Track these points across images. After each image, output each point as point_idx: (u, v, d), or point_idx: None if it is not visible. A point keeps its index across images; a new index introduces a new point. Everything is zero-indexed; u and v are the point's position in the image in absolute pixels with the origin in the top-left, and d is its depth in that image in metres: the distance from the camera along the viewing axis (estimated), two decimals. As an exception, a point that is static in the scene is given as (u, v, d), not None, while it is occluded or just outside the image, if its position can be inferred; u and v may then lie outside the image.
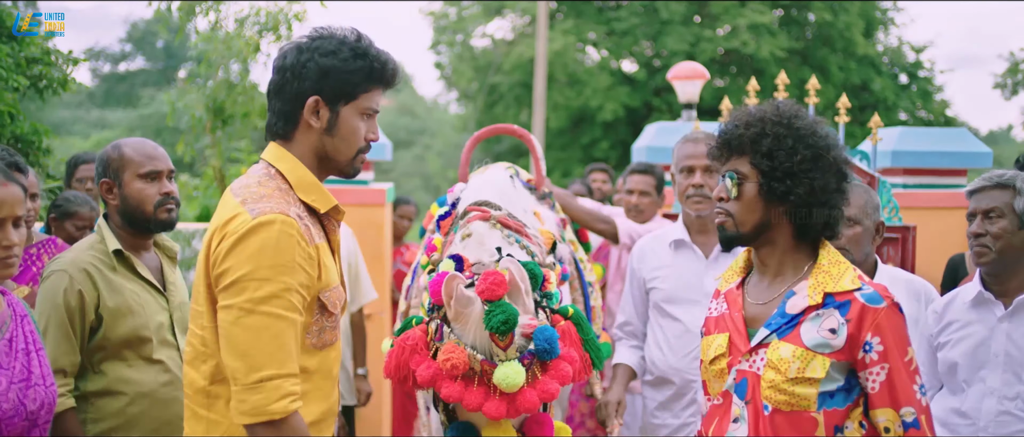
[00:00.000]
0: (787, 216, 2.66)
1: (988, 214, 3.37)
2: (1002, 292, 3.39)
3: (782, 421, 2.59)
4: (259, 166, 2.64)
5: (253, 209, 2.45)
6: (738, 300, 2.78)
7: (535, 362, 2.74)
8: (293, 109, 2.59)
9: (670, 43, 22.82)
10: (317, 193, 2.61)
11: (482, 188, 3.56)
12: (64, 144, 16.42)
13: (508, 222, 3.32)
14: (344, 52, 2.57)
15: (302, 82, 2.55)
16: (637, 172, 5.87)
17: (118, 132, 25.28)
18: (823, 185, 2.62)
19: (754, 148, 2.63)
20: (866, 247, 3.70)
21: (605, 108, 22.69)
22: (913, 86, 25.57)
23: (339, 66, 2.56)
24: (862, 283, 2.60)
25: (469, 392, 2.73)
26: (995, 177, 3.38)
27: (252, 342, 2.39)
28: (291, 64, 2.57)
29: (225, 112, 10.05)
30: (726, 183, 2.68)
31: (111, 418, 3.29)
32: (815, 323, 2.59)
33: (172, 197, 3.45)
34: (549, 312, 2.92)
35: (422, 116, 36.01)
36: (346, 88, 2.58)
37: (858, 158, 5.51)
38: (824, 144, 2.64)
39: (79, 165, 5.85)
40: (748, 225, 2.67)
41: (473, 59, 26.59)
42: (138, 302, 3.36)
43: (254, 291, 2.39)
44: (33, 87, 6.29)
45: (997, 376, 3.32)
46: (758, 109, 2.70)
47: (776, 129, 2.62)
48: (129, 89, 34.08)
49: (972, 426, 3.36)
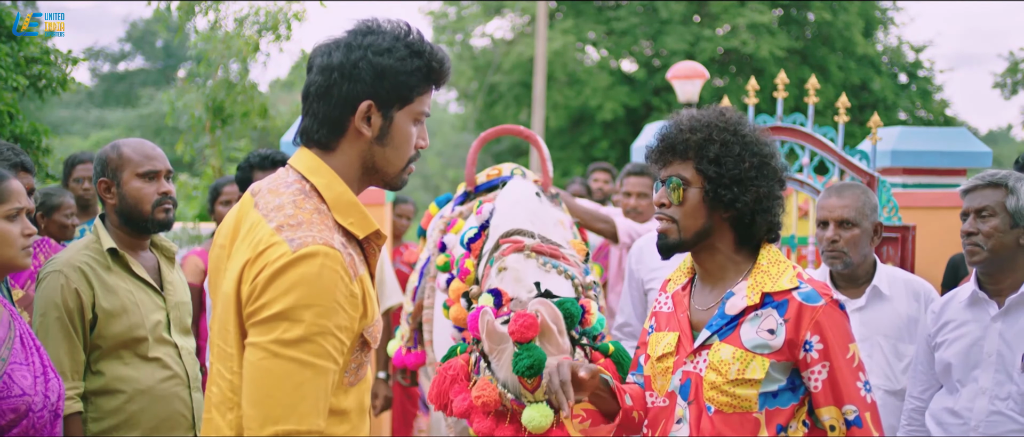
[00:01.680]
0: (729, 222, 2.63)
1: (980, 213, 3.37)
2: (996, 291, 3.38)
3: (724, 422, 2.56)
4: (291, 179, 2.27)
5: (293, 239, 2.10)
6: (684, 301, 2.76)
7: None
8: (342, 115, 2.23)
9: (670, 43, 22.82)
10: (356, 215, 2.26)
11: (512, 213, 3.52)
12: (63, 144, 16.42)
13: (543, 249, 3.31)
14: (400, 50, 2.24)
15: (354, 84, 2.20)
16: (634, 174, 5.86)
17: (117, 132, 25.27)
18: (768, 192, 2.60)
19: (700, 154, 2.58)
20: (864, 248, 3.70)
21: (604, 108, 22.69)
22: (913, 86, 25.59)
23: (396, 66, 2.22)
24: (800, 281, 2.57)
25: (500, 428, 2.79)
26: (988, 176, 3.39)
27: (272, 389, 2.06)
28: (339, 63, 2.21)
29: (224, 111, 10.05)
30: (666, 189, 2.63)
31: (111, 416, 3.29)
32: (754, 324, 2.56)
33: (169, 197, 3.45)
34: (589, 349, 2.91)
35: (421, 115, 35.92)
36: (403, 91, 2.24)
37: (857, 158, 5.50)
38: (768, 151, 2.62)
39: (76, 165, 5.85)
40: (690, 231, 2.61)
41: (472, 58, 26.59)
42: (132, 301, 3.35)
43: (284, 332, 2.06)
44: (32, 86, 6.28)
45: (989, 376, 3.31)
46: (702, 114, 2.66)
47: (723, 135, 2.59)
48: (128, 89, 34.08)
49: (964, 426, 3.36)
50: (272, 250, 2.10)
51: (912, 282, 3.77)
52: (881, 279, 3.74)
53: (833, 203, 3.71)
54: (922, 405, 3.55)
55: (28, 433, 2.73)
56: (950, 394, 3.43)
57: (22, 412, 2.70)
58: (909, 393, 3.61)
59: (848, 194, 3.72)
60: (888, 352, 3.71)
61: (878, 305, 3.73)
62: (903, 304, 3.72)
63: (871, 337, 3.72)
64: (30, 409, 2.73)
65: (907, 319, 3.70)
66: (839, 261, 3.69)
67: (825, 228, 3.72)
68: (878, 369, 3.70)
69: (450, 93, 30.86)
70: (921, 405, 3.55)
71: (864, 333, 3.71)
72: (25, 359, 2.78)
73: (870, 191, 3.79)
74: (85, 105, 32.51)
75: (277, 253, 2.09)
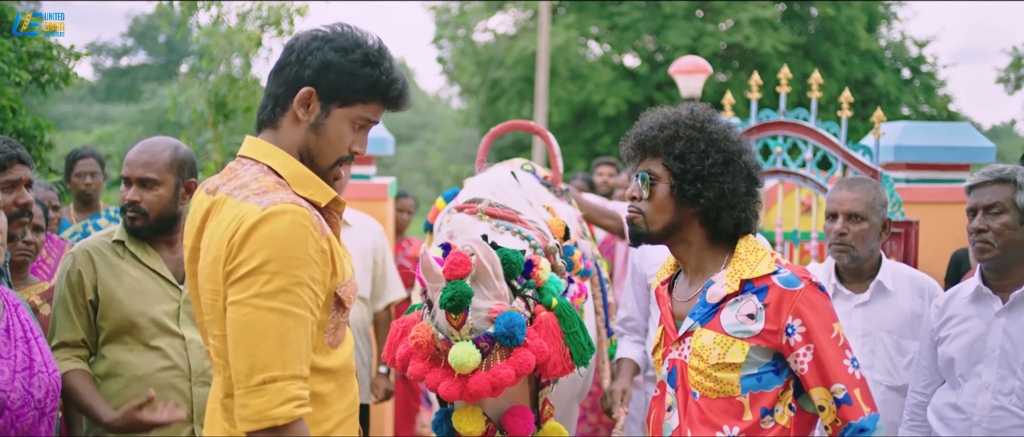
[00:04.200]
0: (697, 217, 2.68)
1: (989, 210, 3.34)
2: (1001, 287, 3.37)
3: (709, 407, 2.62)
4: (246, 164, 2.42)
5: (262, 201, 2.26)
6: (664, 295, 2.85)
7: (496, 347, 2.72)
8: (286, 94, 2.40)
9: (672, 38, 22.81)
10: (314, 186, 2.41)
11: (474, 187, 3.53)
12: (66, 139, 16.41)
13: (496, 212, 3.29)
14: (356, 54, 2.38)
15: (303, 69, 2.37)
16: None
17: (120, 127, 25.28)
18: (733, 189, 2.64)
19: (667, 150, 2.65)
20: (871, 243, 3.69)
21: (607, 103, 22.69)
22: (916, 81, 25.56)
23: (345, 66, 2.37)
24: (778, 267, 2.61)
25: (431, 372, 2.75)
26: (995, 172, 3.35)
27: (257, 341, 2.19)
28: (299, 48, 2.39)
29: (227, 107, 10.04)
30: (637, 183, 2.70)
31: (112, 399, 3.32)
32: (733, 309, 2.61)
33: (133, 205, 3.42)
34: (530, 301, 2.88)
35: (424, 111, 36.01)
36: (344, 90, 2.38)
37: (860, 153, 5.49)
38: (735, 149, 2.66)
39: (78, 160, 5.87)
40: (658, 224, 2.68)
41: (475, 54, 26.59)
42: (136, 289, 3.38)
43: (263, 285, 2.19)
44: (35, 82, 6.29)
45: (992, 371, 3.30)
46: (672, 111, 2.73)
47: (689, 132, 2.65)
48: (131, 84, 34.07)
49: (966, 421, 3.34)
50: (245, 213, 2.24)
51: (917, 278, 3.77)
52: (886, 275, 3.73)
53: (843, 196, 3.71)
54: (924, 400, 3.54)
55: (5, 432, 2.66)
56: (953, 389, 3.43)
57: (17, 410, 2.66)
58: (912, 388, 3.60)
59: (859, 188, 3.71)
60: (891, 348, 3.70)
61: (882, 301, 3.72)
62: (907, 300, 3.71)
63: (874, 332, 3.71)
64: (5, 406, 2.67)
65: (911, 315, 3.70)
66: (846, 255, 3.69)
67: (833, 221, 3.71)
68: (880, 365, 3.69)
69: (453, 88, 30.87)
70: (923, 400, 3.55)
71: (867, 328, 3.70)
72: (6, 352, 2.73)
73: (881, 186, 3.78)
74: (87, 100, 32.53)
75: (249, 213, 2.23)
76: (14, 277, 3.68)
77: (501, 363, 2.70)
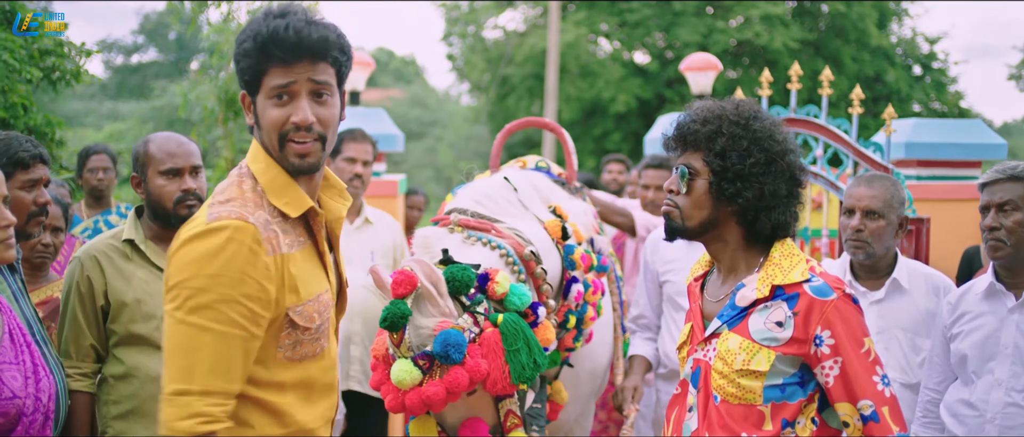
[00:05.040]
0: (735, 216, 2.60)
1: (1002, 207, 3.32)
2: (1014, 284, 3.36)
3: (729, 413, 2.54)
4: (240, 166, 2.45)
5: (211, 213, 2.25)
6: (696, 292, 2.78)
7: (436, 364, 2.74)
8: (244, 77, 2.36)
9: (683, 34, 22.76)
10: (290, 196, 2.36)
11: (460, 197, 3.50)
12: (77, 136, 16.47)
13: (469, 222, 3.27)
14: (247, 40, 2.29)
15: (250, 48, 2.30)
16: (652, 167, 5.85)
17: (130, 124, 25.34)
18: (773, 190, 2.55)
19: (708, 146, 2.57)
20: (887, 241, 3.68)
21: (617, 100, 22.65)
22: (927, 77, 25.46)
23: (238, 56, 2.32)
24: (812, 275, 2.52)
25: (385, 383, 2.82)
26: (1008, 169, 3.34)
27: (172, 352, 2.21)
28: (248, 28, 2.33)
29: (237, 103, 10.06)
30: (676, 176, 2.63)
31: (127, 401, 3.34)
32: (762, 315, 2.53)
33: (192, 193, 3.45)
34: (481, 317, 2.86)
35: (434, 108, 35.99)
36: (250, 78, 2.32)
37: (871, 149, 5.48)
38: (779, 149, 2.57)
39: (90, 156, 5.88)
40: (694, 221, 2.61)
41: (485, 51, 26.57)
42: (146, 290, 3.38)
43: (185, 299, 2.19)
44: (46, 79, 6.32)
45: (1006, 368, 3.29)
46: (718, 105, 2.64)
47: (732, 129, 2.56)
48: (141, 81, 34.16)
49: (979, 417, 3.34)
50: (189, 226, 2.26)
51: (933, 277, 3.75)
52: (901, 272, 3.72)
53: (862, 192, 3.69)
54: (937, 397, 3.53)
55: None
56: (965, 386, 3.42)
57: (13, 417, 2.63)
58: (924, 385, 3.59)
59: (878, 185, 3.70)
60: (905, 345, 3.69)
61: (897, 298, 3.71)
62: (922, 298, 3.70)
63: (889, 330, 3.70)
64: (22, 413, 2.66)
65: (925, 313, 3.68)
66: (862, 251, 3.67)
67: (851, 216, 3.70)
68: (895, 362, 3.68)
69: (463, 85, 30.87)
70: (936, 397, 3.54)
71: (882, 325, 3.69)
72: (15, 358, 2.72)
73: (900, 184, 3.76)
74: (98, 97, 32.61)
75: (191, 226, 2.24)
76: (34, 277, 3.70)
77: (433, 382, 2.72)
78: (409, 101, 35.37)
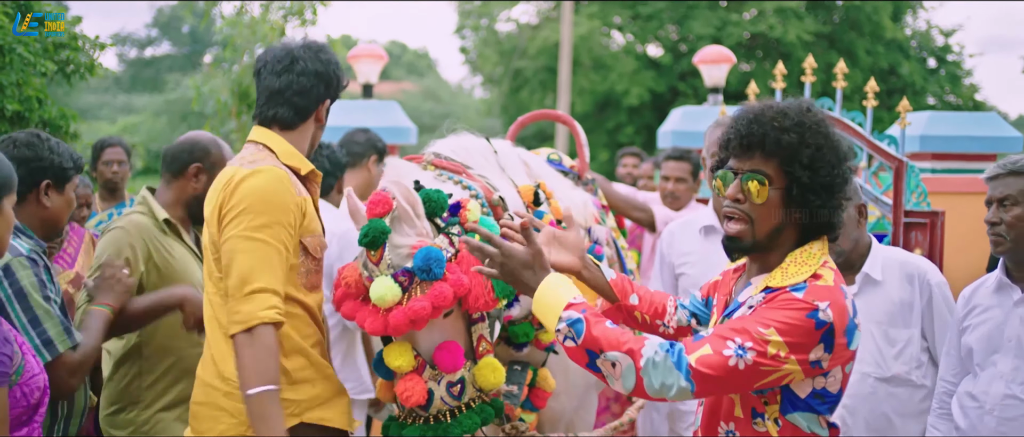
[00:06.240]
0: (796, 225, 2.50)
1: (1003, 202, 3.30)
2: (1021, 278, 3.34)
3: (715, 401, 2.57)
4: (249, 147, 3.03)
5: (249, 164, 2.88)
6: (725, 284, 2.75)
7: (416, 282, 2.75)
8: (310, 106, 3.02)
9: (696, 27, 22.72)
10: (298, 160, 3.01)
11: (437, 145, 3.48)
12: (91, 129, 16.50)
13: (442, 163, 3.28)
14: (337, 63, 3.10)
15: (328, 88, 3.04)
16: (673, 158, 5.83)
17: (144, 117, 25.44)
18: (843, 197, 2.51)
19: (792, 155, 2.44)
20: (851, 233, 3.62)
21: (630, 93, 22.62)
22: (942, 70, 25.34)
23: (339, 75, 3.11)
24: (804, 284, 2.42)
25: (360, 310, 2.85)
26: (1010, 164, 3.31)
27: (246, 262, 2.76)
28: (316, 71, 3.00)
29: (250, 96, 10.09)
30: (743, 183, 2.49)
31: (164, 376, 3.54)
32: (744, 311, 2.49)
33: None
34: (455, 238, 2.90)
35: (447, 101, 35.96)
36: (336, 92, 3.12)
37: (886, 142, 5.46)
38: (848, 157, 2.52)
39: (105, 148, 5.91)
40: (763, 232, 2.49)
41: (498, 44, 26.56)
42: (182, 265, 3.59)
43: (250, 221, 2.78)
44: (60, 72, 6.34)
45: (1008, 361, 3.28)
46: (790, 110, 2.50)
47: (818, 139, 2.46)
48: (155, 74, 34.27)
49: (980, 409, 3.32)
50: (235, 172, 2.88)
51: (908, 264, 3.67)
52: (874, 264, 3.65)
53: None
54: (952, 388, 3.51)
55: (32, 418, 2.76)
56: (972, 378, 3.41)
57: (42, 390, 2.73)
58: (941, 376, 3.56)
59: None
60: (879, 338, 3.64)
61: (870, 291, 3.65)
62: (896, 289, 3.63)
63: (862, 325, 3.66)
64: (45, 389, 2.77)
65: (899, 304, 3.62)
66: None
67: None
68: (869, 356, 3.62)
69: (475, 78, 30.87)
70: (952, 388, 3.52)
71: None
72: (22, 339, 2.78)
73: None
74: (112, 90, 32.73)
75: (238, 172, 2.86)
76: None
77: (418, 297, 2.73)
78: (422, 94, 35.37)
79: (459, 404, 2.91)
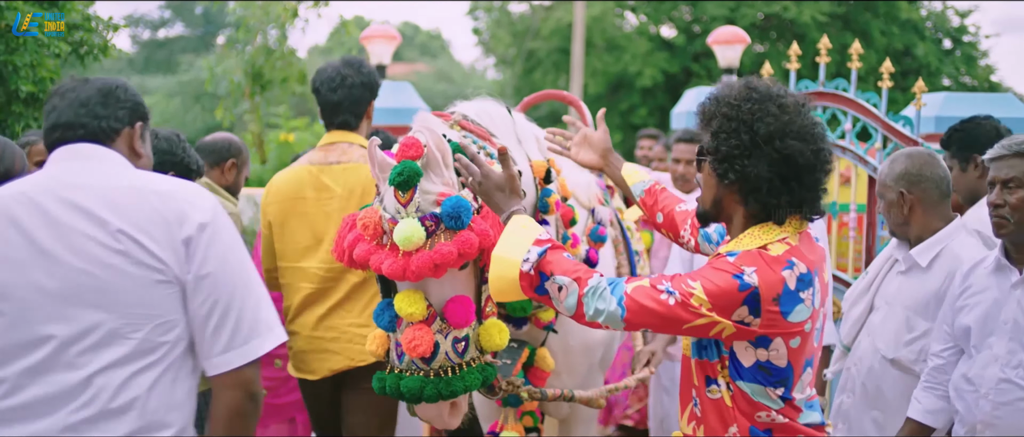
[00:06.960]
0: (736, 197, 2.59)
1: (1007, 184, 3.25)
2: (1020, 260, 3.30)
3: (685, 366, 2.74)
4: (341, 145, 4.00)
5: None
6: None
7: (441, 229, 2.72)
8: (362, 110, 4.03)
9: (709, 8, 22.64)
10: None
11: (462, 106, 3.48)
12: (105, 110, 16.51)
13: (469, 126, 3.26)
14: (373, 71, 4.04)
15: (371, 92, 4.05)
16: (684, 141, 5.83)
17: (157, 98, 25.48)
18: (756, 173, 2.50)
19: (706, 126, 2.64)
20: (895, 218, 3.64)
21: (644, 74, 22.57)
22: (957, 51, 25.19)
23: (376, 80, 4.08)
24: (740, 250, 2.50)
25: (376, 253, 2.77)
26: (1014, 145, 3.25)
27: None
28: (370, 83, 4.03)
29: (263, 77, 10.11)
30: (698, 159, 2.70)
31: None
32: None
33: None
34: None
35: (459, 82, 35.90)
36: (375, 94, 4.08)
37: (901, 123, 5.43)
38: (768, 131, 2.49)
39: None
40: (706, 201, 2.68)
41: (511, 24, 26.51)
42: None
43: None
44: (74, 53, 6.36)
45: (1003, 344, 3.25)
46: (727, 85, 2.65)
47: (725, 109, 2.57)
48: (168, 55, 34.30)
49: (975, 393, 3.30)
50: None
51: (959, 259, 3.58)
52: (923, 250, 3.64)
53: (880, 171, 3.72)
54: (942, 362, 3.47)
55: None
56: (968, 360, 3.38)
57: None
58: (931, 351, 3.53)
59: (886, 163, 3.70)
60: (900, 322, 3.64)
61: (914, 274, 3.67)
62: (936, 280, 3.61)
63: (894, 303, 3.68)
64: None
65: (933, 295, 3.60)
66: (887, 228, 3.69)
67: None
68: (888, 334, 3.65)
69: (488, 59, 30.82)
70: (941, 362, 3.48)
71: (893, 297, 3.67)
72: None
73: (911, 158, 3.66)
74: (126, 72, 32.77)
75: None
76: None
77: (445, 242, 2.70)
78: (435, 75, 35.35)
79: (461, 362, 2.85)
